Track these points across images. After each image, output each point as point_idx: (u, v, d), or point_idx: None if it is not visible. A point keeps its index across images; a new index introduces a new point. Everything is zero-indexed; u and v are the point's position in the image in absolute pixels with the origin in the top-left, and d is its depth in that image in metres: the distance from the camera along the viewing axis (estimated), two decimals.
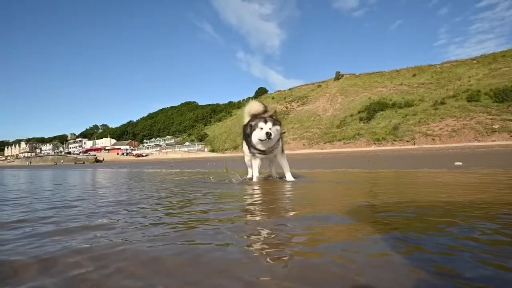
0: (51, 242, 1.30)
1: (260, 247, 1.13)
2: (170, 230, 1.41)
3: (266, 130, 3.57)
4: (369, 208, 1.77)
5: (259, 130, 3.64)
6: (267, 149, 3.79)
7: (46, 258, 1.10)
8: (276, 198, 2.42)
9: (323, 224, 1.42)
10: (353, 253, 1.01)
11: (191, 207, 2.08)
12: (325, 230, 1.32)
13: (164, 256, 1.06)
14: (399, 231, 1.24)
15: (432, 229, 1.26)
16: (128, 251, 1.13)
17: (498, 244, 1.05)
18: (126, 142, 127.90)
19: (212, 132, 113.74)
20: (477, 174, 3.86)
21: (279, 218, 1.62)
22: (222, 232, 1.34)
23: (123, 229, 1.48)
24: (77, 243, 1.26)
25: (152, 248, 1.16)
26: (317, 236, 1.23)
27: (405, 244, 1.07)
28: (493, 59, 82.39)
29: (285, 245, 1.12)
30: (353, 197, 2.25)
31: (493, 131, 50.57)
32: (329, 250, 1.05)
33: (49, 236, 1.41)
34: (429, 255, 0.97)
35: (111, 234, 1.40)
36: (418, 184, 2.98)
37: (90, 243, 1.26)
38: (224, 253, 1.07)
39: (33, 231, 1.53)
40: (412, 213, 1.59)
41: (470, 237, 1.12)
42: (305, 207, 1.92)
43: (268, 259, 0.99)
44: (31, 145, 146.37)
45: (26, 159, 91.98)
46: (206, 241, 1.21)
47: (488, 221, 1.34)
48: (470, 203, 1.81)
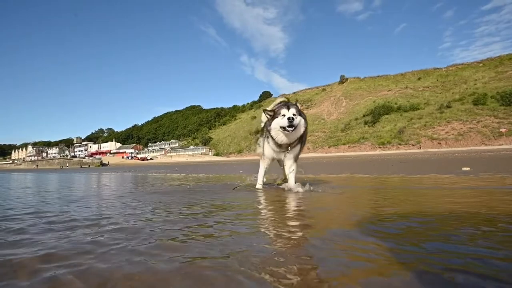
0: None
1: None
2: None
3: (289, 115, 3.12)
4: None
5: (281, 118, 3.19)
6: (285, 143, 3.31)
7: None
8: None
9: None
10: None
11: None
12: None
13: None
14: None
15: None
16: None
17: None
18: (131, 145, 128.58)
19: (217, 135, 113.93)
20: (489, 181, 3.79)
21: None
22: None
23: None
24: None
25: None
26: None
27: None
28: (500, 62, 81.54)
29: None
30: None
31: (500, 134, 49.89)
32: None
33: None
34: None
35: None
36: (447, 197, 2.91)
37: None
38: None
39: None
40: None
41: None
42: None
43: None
44: (38, 148, 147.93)
45: (33, 163, 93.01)
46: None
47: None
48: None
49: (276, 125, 3.23)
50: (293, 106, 3.28)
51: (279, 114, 3.21)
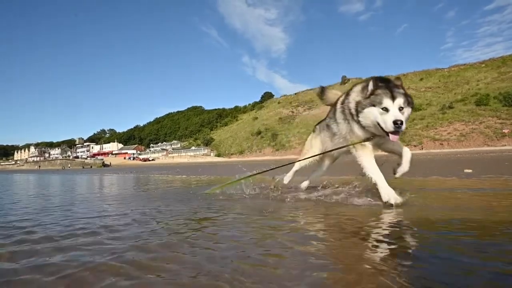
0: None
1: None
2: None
3: (395, 114, 2.11)
4: None
5: (381, 112, 2.21)
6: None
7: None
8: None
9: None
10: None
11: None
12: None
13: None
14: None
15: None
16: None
17: None
18: (133, 146, 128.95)
19: (218, 136, 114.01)
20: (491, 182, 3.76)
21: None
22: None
23: None
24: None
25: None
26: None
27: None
28: (502, 62, 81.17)
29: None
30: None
31: (503, 135, 49.71)
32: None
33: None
34: None
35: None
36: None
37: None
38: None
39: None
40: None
41: None
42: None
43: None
44: (40, 149, 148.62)
45: (35, 163, 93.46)
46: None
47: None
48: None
49: (371, 117, 2.32)
50: (400, 92, 2.20)
51: (378, 102, 2.24)
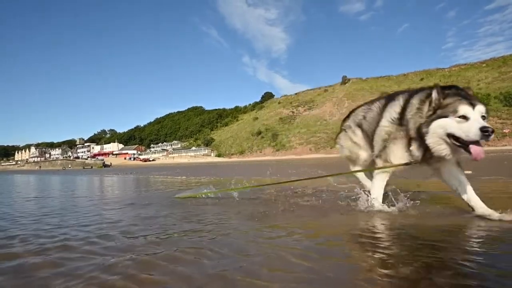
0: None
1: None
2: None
3: (480, 121, 1.83)
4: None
5: (458, 120, 1.89)
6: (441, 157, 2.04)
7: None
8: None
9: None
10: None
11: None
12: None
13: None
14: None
15: None
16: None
17: None
18: (134, 146, 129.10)
19: (219, 136, 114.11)
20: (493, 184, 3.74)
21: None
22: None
23: None
24: None
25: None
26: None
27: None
28: (503, 62, 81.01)
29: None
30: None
31: (503, 135, 49.66)
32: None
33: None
34: None
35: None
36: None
37: None
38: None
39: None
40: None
41: None
42: None
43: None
44: (41, 149, 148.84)
45: (36, 164, 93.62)
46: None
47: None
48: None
49: (443, 129, 1.95)
50: (478, 100, 1.92)
51: (451, 112, 1.92)
